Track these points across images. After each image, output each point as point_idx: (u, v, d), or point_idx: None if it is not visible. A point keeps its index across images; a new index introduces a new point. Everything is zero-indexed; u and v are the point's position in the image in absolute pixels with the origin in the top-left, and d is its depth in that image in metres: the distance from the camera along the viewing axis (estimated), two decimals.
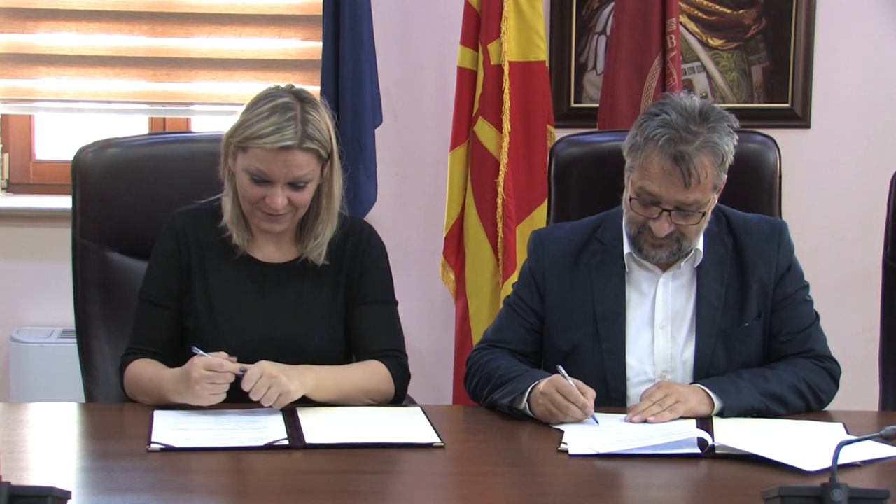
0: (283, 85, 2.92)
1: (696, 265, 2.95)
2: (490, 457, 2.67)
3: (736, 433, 2.65)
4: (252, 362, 2.78)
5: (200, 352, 2.76)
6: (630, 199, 2.87)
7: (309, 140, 2.82)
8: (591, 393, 2.75)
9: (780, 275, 2.97)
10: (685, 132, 2.77)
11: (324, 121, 2.87)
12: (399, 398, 3.00)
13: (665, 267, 2.96)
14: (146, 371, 2.90)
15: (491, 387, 2.90)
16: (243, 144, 2.84)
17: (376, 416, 2.81)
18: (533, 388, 2.78)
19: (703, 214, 2.84)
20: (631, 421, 2.73)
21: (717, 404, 2.79)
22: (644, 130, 2.82)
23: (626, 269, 2.97)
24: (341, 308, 3.01)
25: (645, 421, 2.72)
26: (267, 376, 2.72)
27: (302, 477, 2.46)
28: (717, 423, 2.73)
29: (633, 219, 2.88)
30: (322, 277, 2.99)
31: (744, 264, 2.96)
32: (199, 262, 2.96)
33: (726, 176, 2.87)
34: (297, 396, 2.77)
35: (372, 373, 2.96)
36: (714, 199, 2.87)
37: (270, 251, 2.99)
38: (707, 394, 2.79)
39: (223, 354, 2.77)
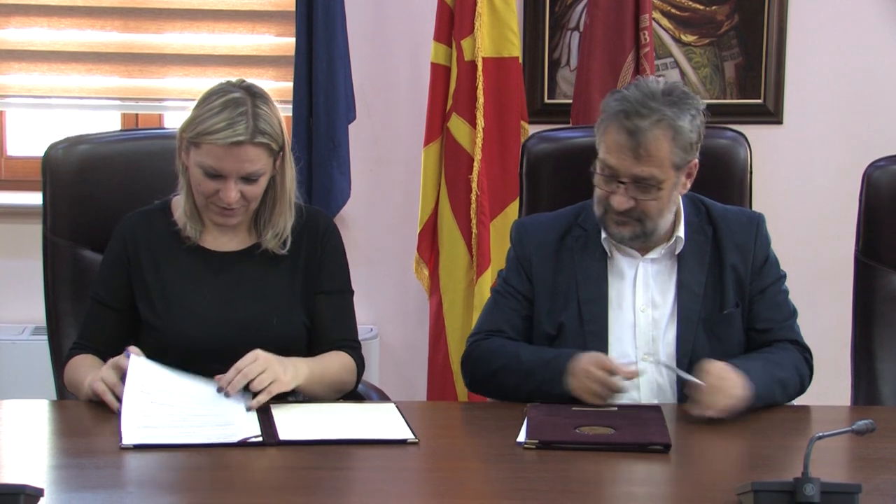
0: (234, 80, 2.95)
1: (677, 252, 2.98)
2: (464, 453, 2.68)
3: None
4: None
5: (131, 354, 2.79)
6: (595, 175, 2.92)
7: (260, 135, 2.85)
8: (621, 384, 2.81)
9: (757, 266, 3.01)
10: (641, 107, 2.84)
11: (275, 115, 2.91)
12: (355, 388, 3.06)
13: (644, 251, 2.99)
14: (83, 365, 2.95)
15: (521, 375, 2.92)
16: (195, 140, 2.86)
17: (350, 412, 2.81)
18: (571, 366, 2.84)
19: (660, 190, 2.87)
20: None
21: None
22: (605, 108, 2.90)
23: (608, 254, 3.00)
24: (299, 294, 3.03)
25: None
26: (262, 360, 2.78)
27: (276, 473, 2.45)
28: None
29: (599, 197, 2.94)
30: (278, 263, 3.02)
31: (720, 253, 3.00)
32: (151, 260, 2.99)
33: (695, 159, 2.91)
34: (289, 387, 2.82)
35: (344, 365, 3.02)
36: (678, 178, 2.90)
37: (224, 241, 3.02)
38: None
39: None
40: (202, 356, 2.90)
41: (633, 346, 2.98)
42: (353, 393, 3.05)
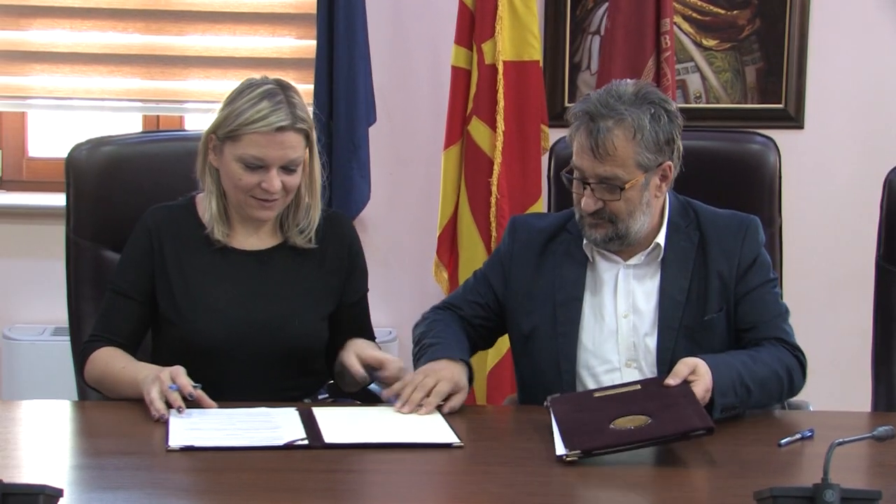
0: (257, 76, 2.98)
1: (659, 258, 2.97)
2: (508, 457, 2.61)
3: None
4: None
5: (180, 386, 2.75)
6: (570, 181, 2.93)
7: (300, 121, 2.90)
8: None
9: (742, 269, 2.96)
10: (602, 107, 2.85)
11: (305, 104, 2.95)
12: None
13: (626, 256, 2.98)
14: (118, 359, 2.92)
15: (419, 349, 2.98)
16: (235, 133, 2.88)
17: (394, 415, 2.78)
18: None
19: (625, 190, 2.85)
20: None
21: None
22: (572, 111, 2.92)
23: (590, 259, 3.00)
24: (324, 295, 3.04)
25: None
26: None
27: (313, 476, 2.43)
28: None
29: (575, 201, 2.95)
30: (303, 262, 3.04)
31: (706, 259, 2.97)
32: (174, 256, 3.00)
33: (668, 161, 2.89)
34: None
35: None
36: (647, 179, 2.87)
37: (251, 240, 3.03)
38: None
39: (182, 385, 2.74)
40: (220, 356, 2.93)
41: (616, 352, 2.96)
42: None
